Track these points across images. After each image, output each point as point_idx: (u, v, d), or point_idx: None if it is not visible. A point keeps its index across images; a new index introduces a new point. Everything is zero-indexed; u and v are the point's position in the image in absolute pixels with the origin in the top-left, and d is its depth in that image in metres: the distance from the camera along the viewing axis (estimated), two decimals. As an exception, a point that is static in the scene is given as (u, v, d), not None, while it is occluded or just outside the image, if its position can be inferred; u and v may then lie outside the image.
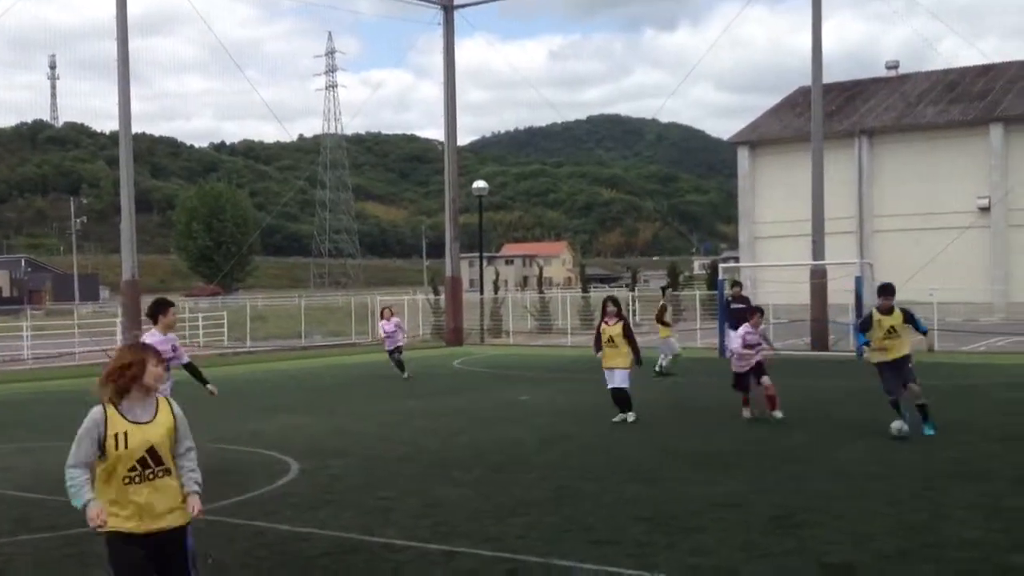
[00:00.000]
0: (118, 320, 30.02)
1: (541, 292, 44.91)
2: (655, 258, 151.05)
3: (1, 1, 29.11)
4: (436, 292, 40.09)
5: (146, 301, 13.67)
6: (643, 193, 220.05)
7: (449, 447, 12.38)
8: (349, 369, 25.80)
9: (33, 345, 30.93)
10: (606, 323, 14.07)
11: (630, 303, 38.81)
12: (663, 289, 28.22)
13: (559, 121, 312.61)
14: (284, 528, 8.19)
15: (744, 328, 14.25)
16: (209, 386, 10.77)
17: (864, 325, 12.51)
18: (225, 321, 38.04)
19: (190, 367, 10.76)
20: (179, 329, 19.00)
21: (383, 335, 22.87)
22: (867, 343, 12.53)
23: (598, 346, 14.13)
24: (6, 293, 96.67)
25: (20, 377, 25.08)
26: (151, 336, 10.05)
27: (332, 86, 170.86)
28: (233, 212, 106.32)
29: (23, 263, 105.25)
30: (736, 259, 49.95)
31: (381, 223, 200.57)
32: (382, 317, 23.26)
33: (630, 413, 14.03)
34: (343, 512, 8.80)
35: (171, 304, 10.50)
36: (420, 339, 35.58)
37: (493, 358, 27.82)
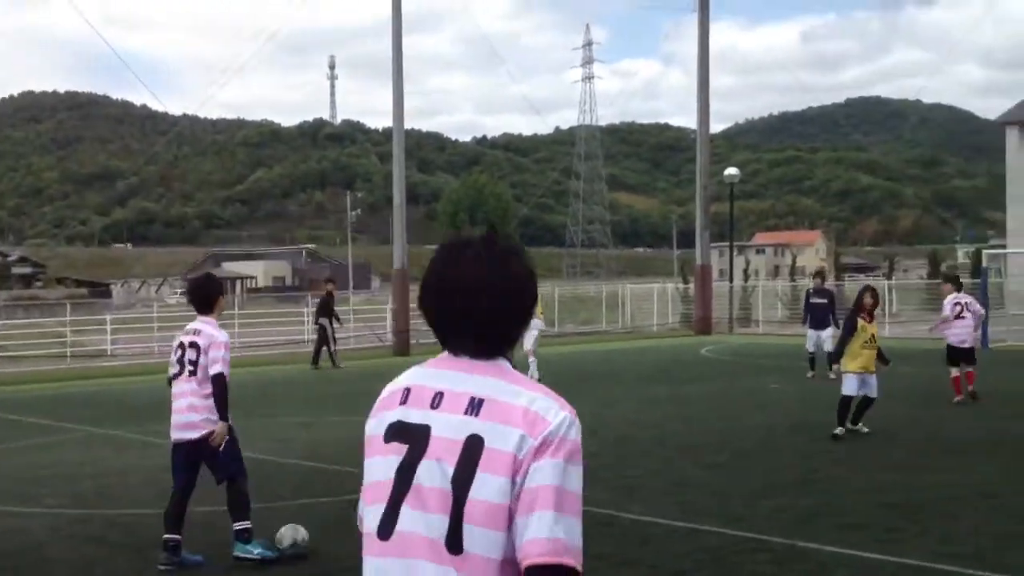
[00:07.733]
0: (388, 307, 32.10)
1: (793, 281, 43.98)
2: (915, 247, 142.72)
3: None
4: (686, 281, 40.14)
5: (414, 291, 14.63)
6: (903, 178, 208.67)
7: (697, 432, 12.70)
8: (601, 355, 26.48)
9: (312, 330, 33.95)
10: (866, 318, 12.08)
11: (886, 292, 37.27)
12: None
13: (815, 105, 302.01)
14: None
15: None
16: None
17: None
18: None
19: None
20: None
21: None
22: None
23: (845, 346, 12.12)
24: (289, 282, 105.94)
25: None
26: None
27: (589, 78, 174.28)
28: (495, 203, 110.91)
29: (303, 254, 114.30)
30: (1003, 246, 46.56)
31: (633, 213, 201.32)
32: None
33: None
34: (594, 487, 9.36)
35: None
36: (669, 328, 35.82)
37: (742, 346, 27.69)
